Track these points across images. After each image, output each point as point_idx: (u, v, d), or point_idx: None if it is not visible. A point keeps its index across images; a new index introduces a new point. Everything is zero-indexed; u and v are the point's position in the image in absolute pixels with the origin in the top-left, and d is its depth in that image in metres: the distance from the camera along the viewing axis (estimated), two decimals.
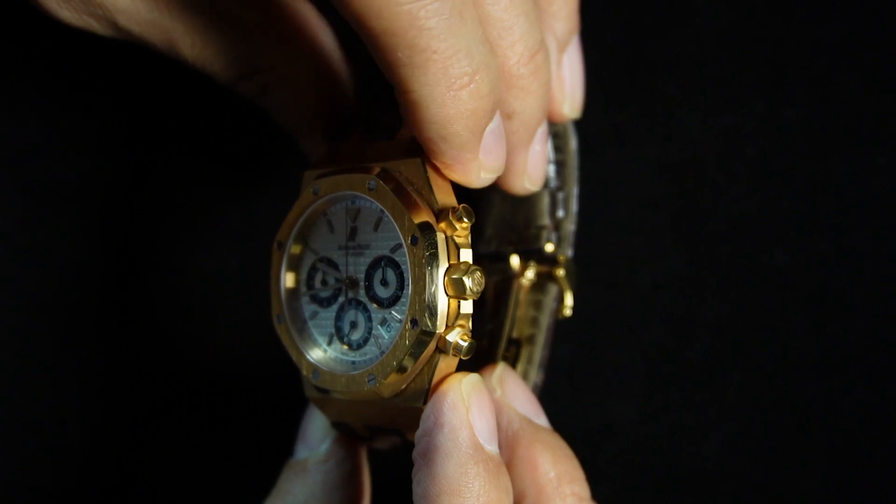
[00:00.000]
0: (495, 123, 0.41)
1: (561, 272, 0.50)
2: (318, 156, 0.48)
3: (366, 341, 0.44)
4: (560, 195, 0.50)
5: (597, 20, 0.54)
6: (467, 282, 0.40)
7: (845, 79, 0.56)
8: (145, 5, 0.45)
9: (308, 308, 0.46)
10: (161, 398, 0.58)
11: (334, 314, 0.45)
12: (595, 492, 0.45)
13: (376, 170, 0.43)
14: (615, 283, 0.58)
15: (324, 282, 0.45)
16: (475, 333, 0.42)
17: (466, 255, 0.41)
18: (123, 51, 0.55)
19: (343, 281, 0.45)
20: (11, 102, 0.57)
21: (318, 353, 0.45)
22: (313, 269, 0.46)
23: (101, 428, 0.58)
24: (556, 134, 0.50)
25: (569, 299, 0.50)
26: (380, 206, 0.42)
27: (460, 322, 0.41)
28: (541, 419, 0.46)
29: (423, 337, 0.41)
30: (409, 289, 0.41)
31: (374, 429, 0.45)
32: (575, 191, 0.50)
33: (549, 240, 0.50)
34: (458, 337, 0.41)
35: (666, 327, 0.57)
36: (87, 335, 0.58)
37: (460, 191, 0.43)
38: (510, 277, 0.50)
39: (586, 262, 0.55)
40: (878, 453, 0.56)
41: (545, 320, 0.50)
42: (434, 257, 0.41)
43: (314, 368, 0.44)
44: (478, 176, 0.42)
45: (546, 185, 0.49)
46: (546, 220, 0.50)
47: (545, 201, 0.50)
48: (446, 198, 0.42)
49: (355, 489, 0.47)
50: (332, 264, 0.45)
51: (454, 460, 0.40)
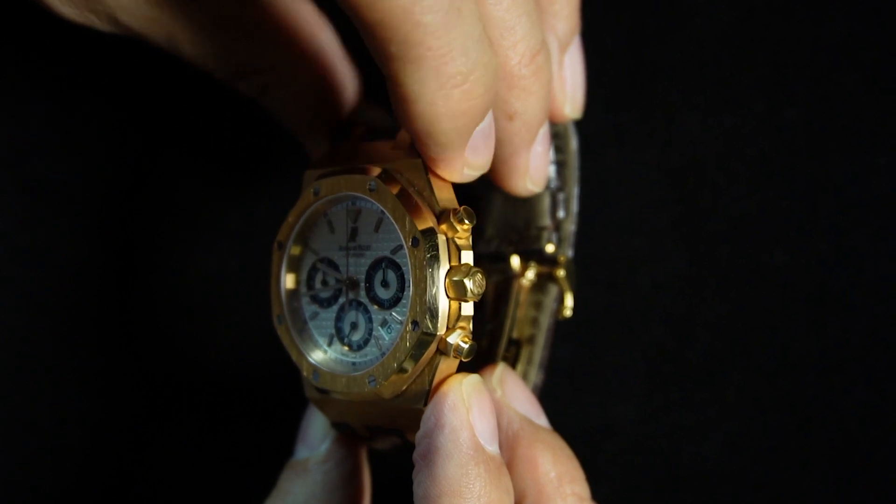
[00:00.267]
0: (486, 123, 0.41)
1: (561, 273, 0.50)
2: (319, 156, 0.48)
3: (366, 342, 0.44)
4: (561, 196, 0.50)
5: (597, 21, 0.54)
6: (468, 284, 0.40)
7: (845, 79, 0.56)
8: (146, 2, 0.45)
9: (308, 309, 0.46)
10: (161, 398, 0.58)
11: (335, 315, 0.45)
12: (595, 492, 0.45)
13: (377, 171, 0.43)
14: (615, 283, 0.58)
15: (324, 282, 0.45)
16: (475, 335, 0.42)
17: (467, 256, 0.41)
18: (123, 51, 0.55)
19: (343, 282, 0.45)
20: (11, 102, 0.57)
21: (319, 354, 0.45)
22: (314, 270, 0.46)
23: (101, 428, 0.58)
24: (557, 134, 0.50)
25: (569, 300, 0.50)
26: (380, 208, 0.42)
27: (461, 324, 0.41)
28: (541, 419, 0.46)
29: (423, 338, 0.41)
30: (410, 290, 0.41)
31: (375, 429, 0.45)
32: (575, 191, 0.50)
33: (549, 240, 0.50)
34: (458, 339, 0.41)
35: (666, 327, 0.57)
36: (87, 335, 0.58)
37: (461, 192, 0.42)
38: (510, 278, 0.50)
39: (586, 263, 0.55)
40: (878, 453, 0.56)
41: (545, 321, 0.50)
42: (435, 259, 0.41)
43: (314, 369, 0.44)
44: (461, 173, 0.41)
45: (547, 185, 0.49)
46: (547, 221, 0.50)
47: (546, 202, 0.50)
48: (447, 199, 0.42)
49: (355, 489, 0.47)
50: (333, 265, 0.45)
51: (455, 461, 0.40)
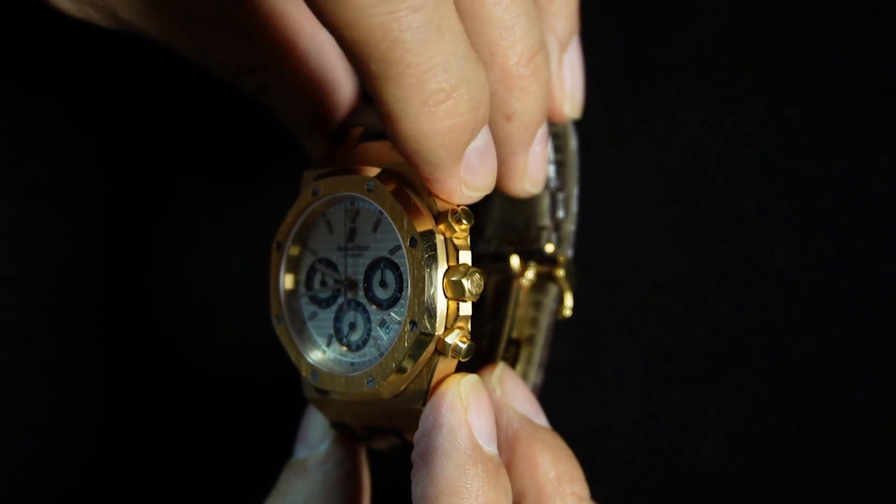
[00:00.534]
0: (480, 141, 0.40)
1: (561, 272, 0.50)
2: (318, 156, 0.48)
3: (365, 342, 0.44)
4: (560, 196, 0.50)
5: (596, 21, 0.54)
6: (466, 284, 0.40)
7: (845, 79, 0.56)
8: None
9: (307, 309, 0.46)
10: (161, 398, 0.58)
11: (333, 315, 0.45)
12: (595, 492, 0.45)
13: (375, 171, 0.43)
14: (615, 283, 0.58)
15: (323, 283, 0.45)
16: (474, 335, 0.42)
17: (465, 256, 0.41)
18: (124, 50, 0.55)
19: (342, 282, 0.45)
20: (11, 102, 0.57)
21: (318, 354, 0.45)
22: (312, 270, 0.46)
23: (101, 428, 0.58)
24: (556, 134, 0.50)
25: (569, 300, 0.50)
26: (378, 208, 0.42)
27: (459, 324, 0.41)
28: (541, 419, 0.46)
29: (422, 338, 0.41)
30: (408, 290, 0.41)
31: (373, 429, 0.45)
32: (575, 191, 0.50)
33: (549, 240, 0.50)
34: (457, 339, 0.41)
35: (666, 327, 0.57)
36: (87, 335, 0.58)
37: None
38: (510, 278, 0.50)
39: (586, 263, 0.55)
40: (878, 453, 0.56)
41: (545, 320, 0.50)
42: (433, 259, 0.41)
43: (313, 369, 0.44)
44: (459, 193, 0.40)
45: (546, 185, 0.49)
46: (546, 221, 0.50)
47: (545, 202, 0.50)
48: (440, 199, 0.42)
49: (355, 489, 0.47)
50: (331, 265, 0.45)
51: (453, 461, 0.40)
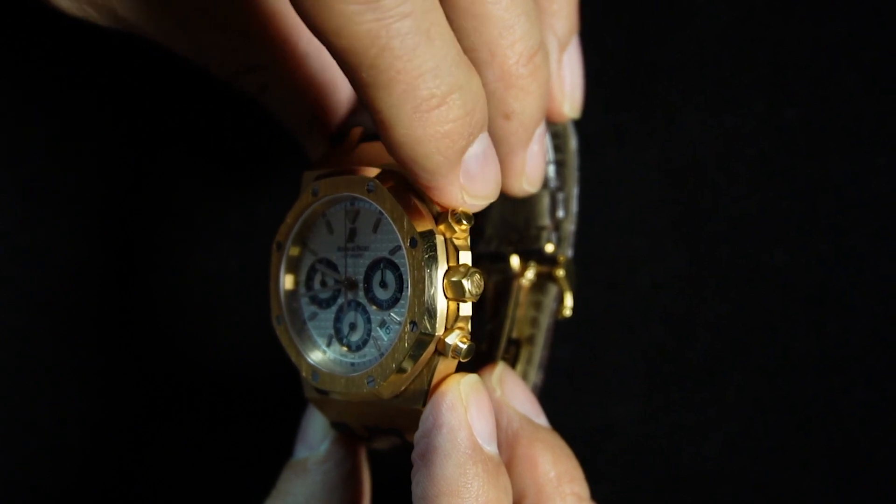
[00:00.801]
0: (479, 147, 0.40)
1: (561, 272, 0.50)
2: (318, 156, 0.48)
3: (365, 343, 0.44)
4: (560, 195, 0.50)
5: (596, 21, 0.54)
6: (466, 284, 0.40)
7: (845, 79, 0.56)
8: None
9: (307, 309, 0.46)
10: (161, 398, 0.58)
11: (333, 315, 0.45)
12: (595, 492, 0.45)
13: (375, 171, 0.42)
14: (615, 283, 0.58)
15: (323, 283, 0.45)
16: (474, 335, 0.42)
17: (465, 257, 0.41)
18: (124, 50, 0.55)
19: (342, 282, 0.45)
20: (11, 102, 0.57)
21: (318, 355, 0.45)
22: (312, 271, 0.46)
23: (101, 428, 0.58)
24: (556, 134, 0.50)
25: (569, 300, 0.50)
26: (378, 208, 0.42)
27: (459, 324, 0.41)
28: (541, 419, 0.46)
29: (422, 339, 0.41)
30: (409, 291, 0.41)
31: (374, 429, 0.45)
32: (575, 191, 0.50)
33: (549, 240, 0.50)
34: (457, 339, 0.41)
35: (666, 327, 0.57)
36: (87, 335, 0.58)
37: None
38: (510, 278, 0.50)
39: (586, 263, 0.55)
40: (878, 453, 0.56)
41: (545, 320, 0.50)
42: (433, 259, 0.41)
43: (313, 370, 0.44)
44: (461, 201, 0.40)
45: (546, 185, 0.49)
46: (546, 221, 0.50)
47: (545, 201, 0.50)
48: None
49: (355, 489, 0.47)
50: (332, 266, 0.45)
51: (453, 461, 0.40)
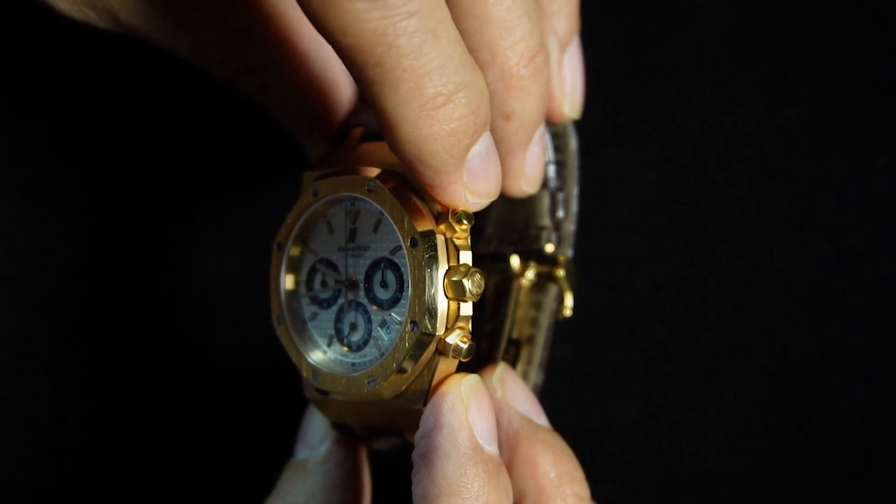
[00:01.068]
0: (482, 146, 0.40)
1: (561, 272, 0.50)
2: (318, 157, 0.48)
3: (365, 343, 0.44)
4: (560, 195, 0.50)
5: (597, 21, 0.54)
6: (467, 284, 0.40)
7: (845, 79, 0.56)
8: None
9: (308, 309, 0.46)
10: (161, 398, 0.58)
11: (334, 316, 0.45)
12: (595, 492, 0.45)
13: (376, 171, 0.43)
14: (615, 283, 0.58)
15: (323, 283, 0.45)
16: (475, 335, 0.42)
17: (466, 257, 0.41)
18: (123, 51, 0.55)
19: (342, 282, 0.45)
20: (11, 102, 0.57)
21: (318, 355, 0.45)
22: (313, 271, 0.46)
23: (101, 428, 0.58)
24: (556, 134, 0.50)
25: (569, 300, 0.50)
26: (379, 208, 0.42)
27: (460, 324, 0.41)
28: (541, 419, 0.46)
29: (422, 339, 0.41)
30: (409, 291, 0.41)
31: (374, 429, 0.45)
32: (575, 191, 0.50)
33: (549, 240, 0.50)
34: (457, 339, 0.41)
35: (666, 327, 0.57)
36: (87, 335, 0.58)
37: None
38: (510, 278, 0.50)
39: (586, 263, 0.55)
40: (878, 453, 0.56)
41: (545, 320, 0.50)
42: (434, 259, 0.41)
43: (314, 370, 0.44)
44: (464, 200, 0.40)
45: (546, 185, 0.49)
46: (546, 221, 0.50)
47: (545, 202, 0.50)
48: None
49: (355, 489, 0.47)
50: (332, 266, 0.45)
51: (453, 461, 0.40)
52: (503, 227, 0.51)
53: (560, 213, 0.50)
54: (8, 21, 0.56)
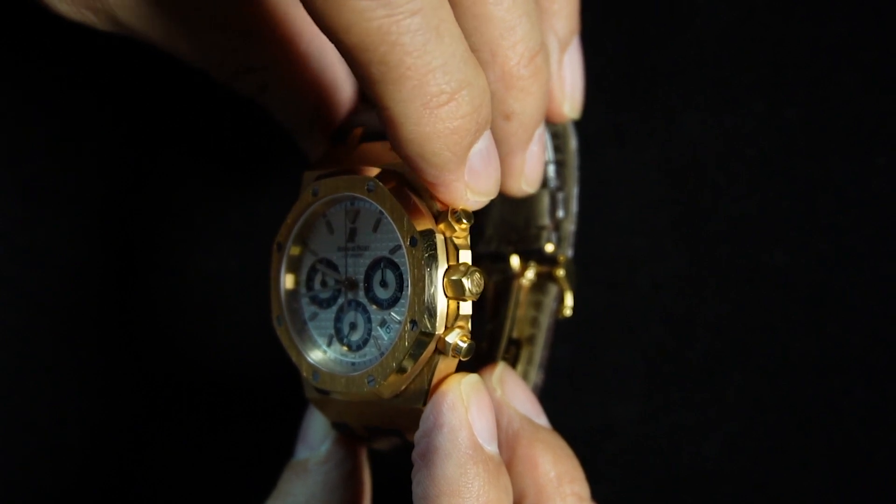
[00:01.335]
0: (483, 144, 0.40)
1: (561, 272, 0.50)
2: (318, 156, 0.48)
3: (365, 342, 0.44)
4: (560, 195, 0.50)
5: (597, 22, 0.54)
6: (466, 283, 0.40)
7: (845, 79, 0.56)
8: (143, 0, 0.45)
9: (308, 309, 0.46)
10: (161, 398, 0.58)
11: (334, 315, 0.45)
12: (595, 492, 0.45)
13: (375, 171, 0.43)
14: (615, 283, 0.58)
15: (323, 283, 0.45)
16: (475, 334, 0.42)
17: (465, 256, 0.41)
18: (123, 51, 0.55)
19: (342, 282, 0.45)
20: (11, 102, 0.57)
21: (318, 355, 0.45)
22: (313, 271, 0.46)
23: (101, 428, 0.58)
24: (556, 134, 0.50)
25: (569, 299, 0.50)
26: (379, 208, 0.42)
27: (459, 323, 0.41)
28: (541, 419, 0.46)
29: (422, 338, 0.41)
30: (409, 290, 0.41)
31: (374, 429, 0.45)
32: (575, 191, 0.50)
33: (549, 240, 0.50)
34: (457, 338, 0.41)
35: (666, 327, 0.57)
36: (87, 335, 0.58)
37: None
38: (510, 277, 0.50)
39: (586, 263, 0.55)
40: (878, 453, 0.56)
41: (545, 320, 0.50)
42: (433, 259, 0.41)
43: (314, 370, 0.44)
44: (465, 198, 0.40)
45: (546, 185, 0.49)
46: (546, 221, 0.50)
47: (545, 201, 0.50)
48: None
49: (356, 489, 0.47)
50: (332, 265, 0.45)
51: (453, 461, 0.40)
52: (503, 226, 0.51)
53: (560, 213, 0.50)
54: (8, 21, 0.56)
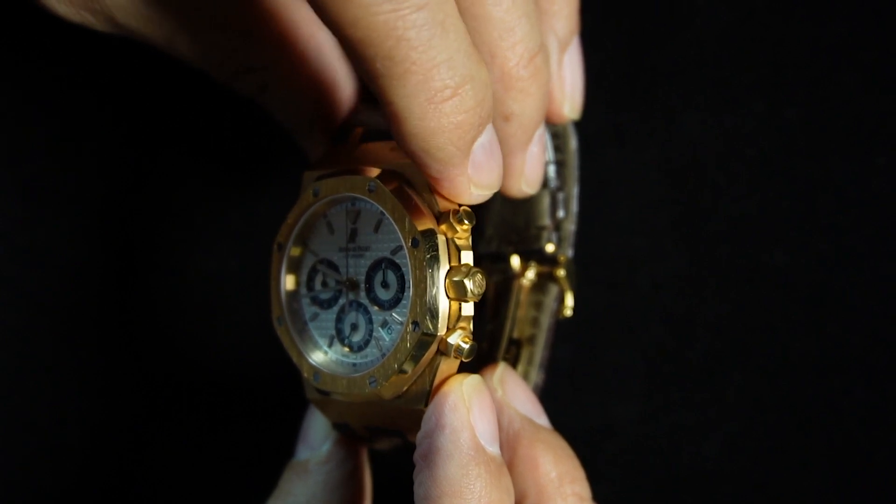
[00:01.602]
0: (486, 138, 0.40)
1: (561, 272, 0.50)
2: (318, 156, 0.48)
3: (367, 343, 0.44)
4: (560, 195, 0.50)
5: (597, 22, 0.54)
6: (468, 284, 0.40)
7: (845, 79, 0.56)
8: (143, 1, 0.45)
9: (309, 310, 0.46)
10: (161, 398, 0.58)
11: (335, 316, 0.45)
12: (595, 492, 0.45)
13: (376, 171, 0.43)
14: (615, 283, 0.58)
15: (324, 284, 0.45)
16: (475, 335, 0.42)
17: (467, 256, 0.41)
18: (123, 51, 0.55)
19: (343, 283, 0.45)
20: (11, 102, 0.57)
21: (319, 356, 0.45)
22: (313, 271, 0.46)
23: (101, 428, 0.58)
24: (556, 134, 0.50)
25: (569, 299, 0.50)
26: (380, 208, 0.42)
27: (461, 324, 0.41)
28: (542, 419, 0.46)
29: (424, 339, 0.41)
30: (410, 291, 0.41)
31: (375, 430, 0.45)
32: (575, 191, 0.50)
33: (549, 240, 0.50)
34: (459, 339, 0.41)
35: (666, 327, 0.57)
36: (87, 335, 0.58)
37: None
38: (511, 278, 0.50)
39: (586, 263, 0.55)
40: (878, 453, 0.56)
41: (546, 320, 0.50)
42: (435, 259, 0.41)
43: (315, 370, 0.44)
44: (468, 192, 0.41)
45: (546, 185, 0.50)
46: (546, 221, 0.50)
47: (546, 202, 0.50)
48: (447, 199, 0.42)
49: (356, 490, 0.47)
50: (333, 266, 0.45)
51: (455, 462, 0.40)
52: (503, 227, 0.51)
53: (560, 213, 0.50)
54: (8, 21, 0.56)
